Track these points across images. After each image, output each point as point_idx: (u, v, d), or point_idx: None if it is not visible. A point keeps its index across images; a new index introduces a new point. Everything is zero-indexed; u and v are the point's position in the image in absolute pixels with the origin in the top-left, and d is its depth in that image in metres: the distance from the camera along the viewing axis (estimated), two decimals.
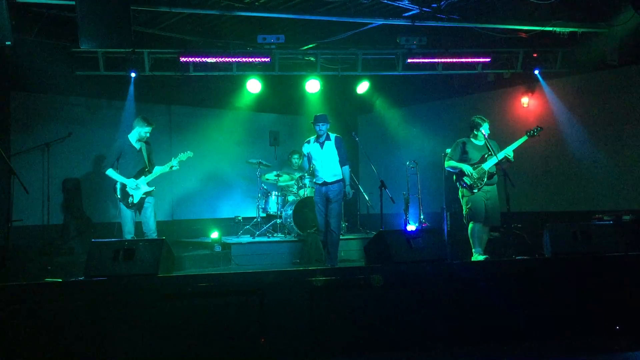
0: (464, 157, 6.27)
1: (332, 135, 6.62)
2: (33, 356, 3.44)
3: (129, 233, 6.13)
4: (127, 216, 6.15)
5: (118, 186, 6.15)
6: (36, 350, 3.45)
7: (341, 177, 6.56)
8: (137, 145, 6.25)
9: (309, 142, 6.66)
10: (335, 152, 6.54)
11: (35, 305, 3.52)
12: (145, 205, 6.19)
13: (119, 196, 6.16)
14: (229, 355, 3.68)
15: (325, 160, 6.53)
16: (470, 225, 6.20)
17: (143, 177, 6.20)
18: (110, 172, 6.14)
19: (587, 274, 4.27)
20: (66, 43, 7.19)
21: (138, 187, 6.15)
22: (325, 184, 6.52)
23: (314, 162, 6.61)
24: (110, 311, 3.60)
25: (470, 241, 6.21)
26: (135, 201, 6.13)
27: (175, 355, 3.63)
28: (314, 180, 6.73)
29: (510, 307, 4.14)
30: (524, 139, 6.10)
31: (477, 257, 6.09)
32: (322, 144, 6.56)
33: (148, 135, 6.28)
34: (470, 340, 4.04)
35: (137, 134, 6.23)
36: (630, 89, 7.66)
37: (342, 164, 6.57)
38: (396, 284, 4.01)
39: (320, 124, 6.52)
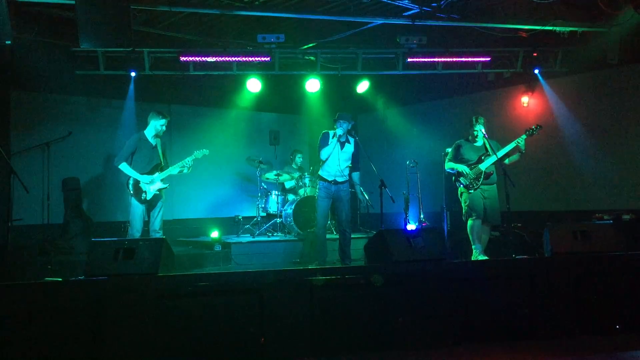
0: (461, 158, 6.35)
1: (352, 139, 6.60)
2: (33, 356, 3.44)
3: (137, 231, 6.03)
4: (138, 213, 6.05)
5: (131, 181, 6.03)
6: (36, 350, 3.45)
7: (348, 178, 6.60)
8: (153, 142, 6.18)
9: (328, 134, 6.51)
10: (351, 155, 6.56)
11: (35, 305, 3.52)
12: (156, 204, 6.15)
13: (131, 191, 6.04)
14: (229, 354, 3.69)
15: (341, 162, 6.48)
16: (470, 222, 6.24)
17: (158, 173, 6.13)
18: (124, 167, 6.01)
19: (587, 273, 4.27)
20: (66, 42, 7.18)
21: (152, 182, 6.07)
22: (335, 182, 6.51)
23: (329, 158, 6.49)
24: (110, 311, 3.59)
25: (470, 238, 6.24)
26: (149, 197, 6.05)
27: (175, 355, 3.63)
28: (322, 175, 6.57)
29: (510, 307, 4.15)
30: (522, 138, 6.10)
31: (477, 254, 6.11)
32: (342, 144, 6.51)
33: (164, 128, 6.20)
34: (470, 339, 4.04)
35: (153, 128, 6.15)
36: (631, 88, 7.65)
37: (354, 169, 6.64)
38: (396, 283, 4.01)
39: (342, 121, 6.41)
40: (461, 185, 6.30)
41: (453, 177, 6.47)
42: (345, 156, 6.53)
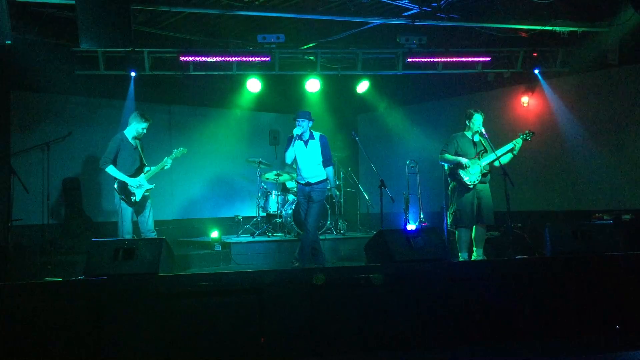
0: (458, 152, 6.18)
1: (317, 134, 6.35)
2: (33, 356, 3.44)
3: (127, 233, 6.02)
4: (127, 215, 6.04)
5: (117, 184, 6.01)
6: (36, 350, 3.45)
7: (324, 177, 6.36)
8: (133, 143, 6.17)
9: (291, 137, 6.27)
10: (319, 151, 6.29)
11: (36, 305, 3.52)
12: (145, 204, 6.16)
13: (119, 195, 6.03)
14: (228, 354, 3.69)
15: (309, 160, 6.26)
16: (457, 232, 6.19)
17: (142, 174, 6.15)
18: (111, 170, 5.99)
19: (587, 273, 4.27)
20: (66, 42, 7.19)
21: (141, 186, 6.08)
22: (308, 184, 6.28)
23: (297, 160, 6.31)
24: (110, 311, 3.60)
25: (457, 245, 6.19)
26: (138, 199, 6.06)
27: (175, 355, 3.63)
28: (297, 179, 6.46)
29: (510, 307, 4.15)
30: (519, 141, 6.05)
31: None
32: (306, 142, 6.26)
33: (145, 131, 6.20)
34: (470, 339, 4.04)
35: (135, 130, 6.15)
36: (631, 88, 7.65)
37: (325, 164, 6.36)
38: (396, 283, 4.01)
39: (301, 119, 6.19)
40: (454, 182, 6.18)
41: (447, 171, 6.37)
42: (312, 154, 6.26)
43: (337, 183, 9.06)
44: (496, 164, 5.97)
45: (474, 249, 6.18)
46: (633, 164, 7.56)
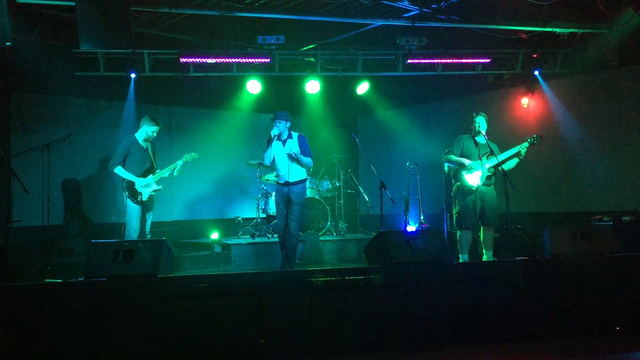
0: (463, 154, 6.25)
1: (295, 134, 6.37)
2: (32, 357, 3.44)
3: (134, 231, 6.06)
4: (135, 214, 6.09)
5: (125, 184, 6.09)
6: (36, 352, 3.45)
7: (303, 177, 6.39)
8: (144, 145, 6.25)
9: (270, 138, 6.32)
10: (298, 150, 6.30)
11: (35, 305, 3.51)
12: (151, 206, 6.23)
13: (127, 193, 6.09)
14: (228, 356, 3.69)
15: (287, 160, 6.26)
16: (459, 233, 6.21)
17: (151, 175, 6.21)
18: (119, 170, 6.08)
19: (587, 274, 4.27)
20: (66, 44, 7.19)
21: (148, 185, 6.15)
22: (287, 184, 6.25)
23: (275, 160, 6.36)
24: (110, 312, 3.59)
25: (458, 247, 6.20)
26: (145, 199, 6.12)
27: (174, 356, 3.63)
28: (276, 180, 6.46)
29: (509, 308, 4.15)
30: (525, 145, 6.04)
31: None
32: (284, 142, 6.29)
33: (155, 135, 6.29)
34: (470, 340, 4.04)
35: (145, 133, 6.22)
36: (630, 89, 7.65)
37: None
38: (396, 285, 4.01)
39: (278, 121, 6.23)
40: (458, 183, 6.23)
41: (452, 172, 6.41)
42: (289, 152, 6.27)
43: (338, 184, 9.06)
44: (504, 166, 5.98)
45: (484, 251, 6.20)
46: (633, 165, 7.56)
